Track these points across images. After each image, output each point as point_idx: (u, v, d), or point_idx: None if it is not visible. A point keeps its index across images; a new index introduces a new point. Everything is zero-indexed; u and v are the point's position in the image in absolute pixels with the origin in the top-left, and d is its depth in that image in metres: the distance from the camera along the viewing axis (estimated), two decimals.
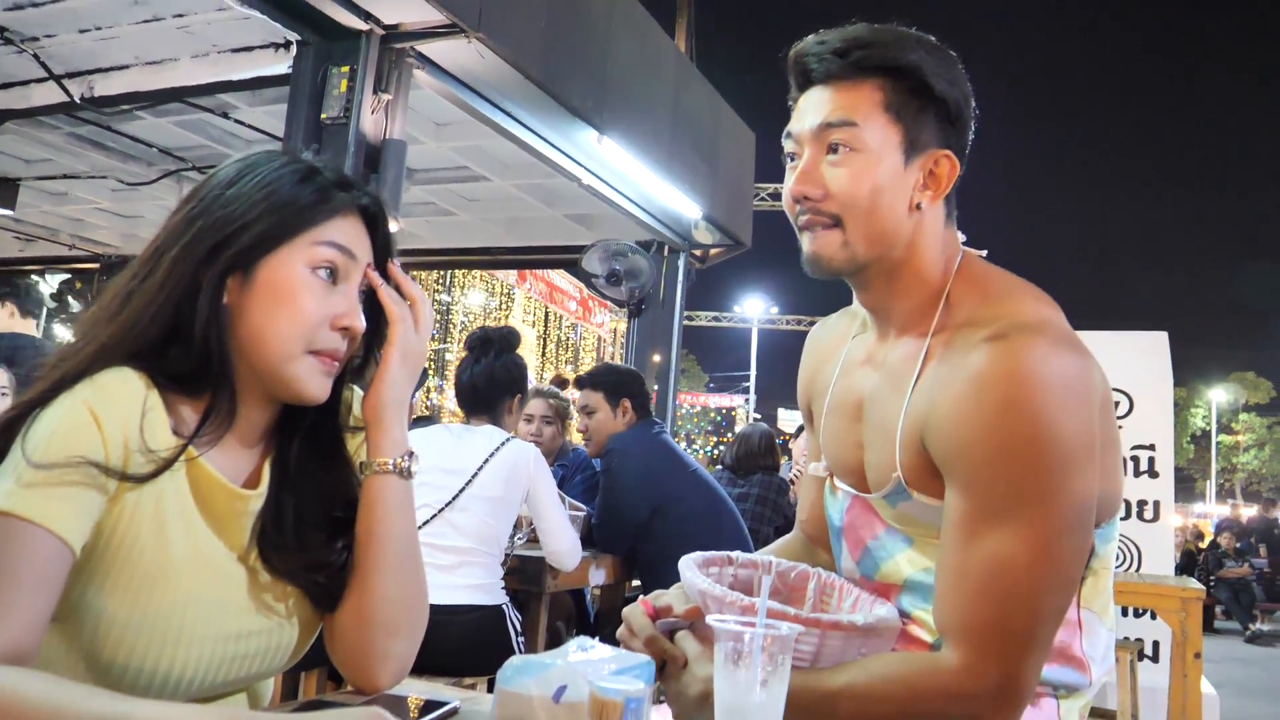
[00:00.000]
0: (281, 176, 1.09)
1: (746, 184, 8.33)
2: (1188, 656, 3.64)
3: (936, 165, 1.21)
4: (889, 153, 1.19)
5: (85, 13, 4.84)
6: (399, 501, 1.15)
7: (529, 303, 18.11)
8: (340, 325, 1.09)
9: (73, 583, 0.97)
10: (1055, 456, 1.07)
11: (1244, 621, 11.80)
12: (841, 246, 1.20)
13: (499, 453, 2.91)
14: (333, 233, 1.09)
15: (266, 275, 1.06)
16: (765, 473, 4.78)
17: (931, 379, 1.18)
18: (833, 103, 1.19)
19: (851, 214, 1.19)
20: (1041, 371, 1.08)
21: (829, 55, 1.19)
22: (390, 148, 4.64)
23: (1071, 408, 1.08)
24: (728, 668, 0.87)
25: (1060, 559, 1.08)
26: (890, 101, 1.18)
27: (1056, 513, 1.07)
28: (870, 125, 1.18)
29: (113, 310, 1.06)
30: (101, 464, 0.96)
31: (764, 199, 30.76)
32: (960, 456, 1.11)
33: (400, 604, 1.14)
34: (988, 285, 1.23)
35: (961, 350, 1.15)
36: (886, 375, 1.26)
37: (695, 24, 8.72)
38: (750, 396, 38.61)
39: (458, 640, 2.69)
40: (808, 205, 1.20)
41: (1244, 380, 45.55)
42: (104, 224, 8.65)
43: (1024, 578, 1.07)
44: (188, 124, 6.14)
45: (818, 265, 1.22)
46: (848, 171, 1.18)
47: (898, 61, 1.18)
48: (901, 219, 1.20)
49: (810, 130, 1.20)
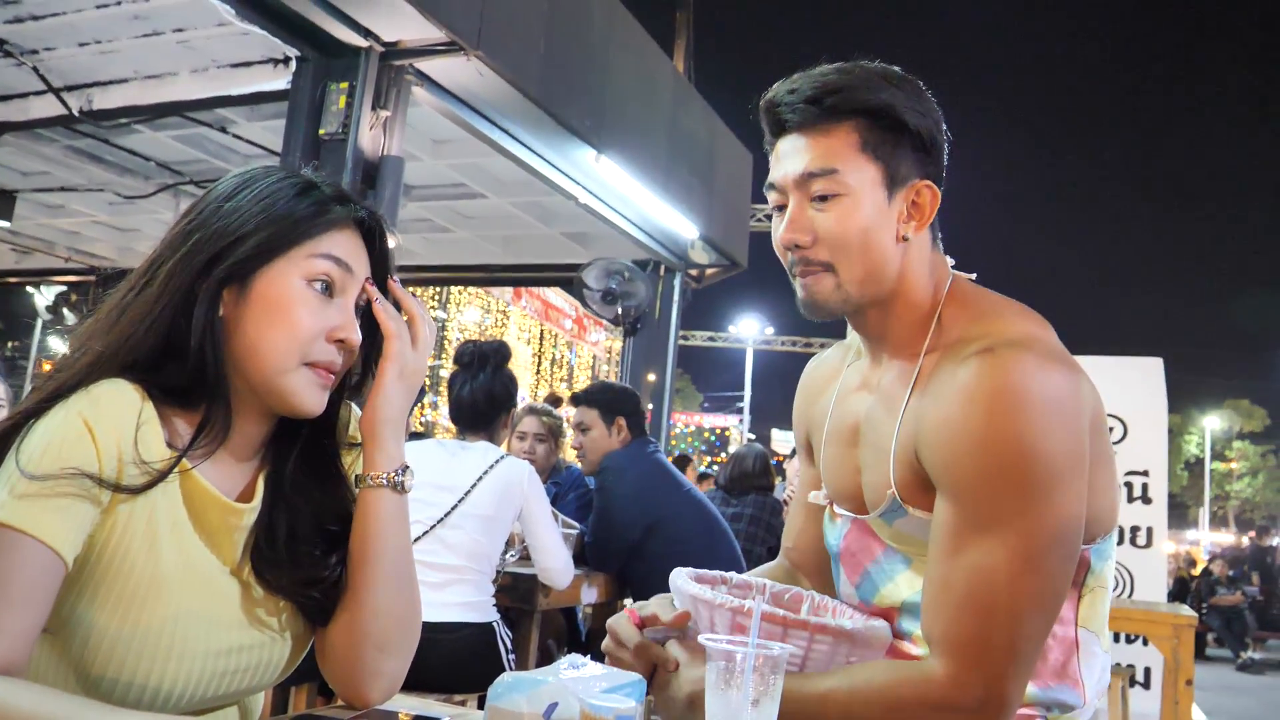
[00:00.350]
0: (279, 190, 1.09)
1: (743, 204, 8.36)
2: (1179, 683, 3.64)
3: (918, 196, 1.24)
4: (871, 191, 1.21)
5: (85, 26, 4.86)
6: (393, 516, 1.14)
7: (524, 320, 18.12)
8: (336, 338, 1.09)
9: (64, 595, 0.97)
10: (1040, 471, 1.08)
11: (1236, 649, 11.78)
12: (835, 289, 1.23)
13: (492, 470, 2.91)
14: (329, 246, 1.09)
15: (262, 288, 1.06)
16: (760, 493, 4.78)
17: (922, 396, 1.20)
18: (811, 150, 1.21)
19: (842, 257, 1.21)
20: (1028, 386, 1.09)
21: (801, 104, 1.21)
22: (388, 164, 4.65)
23: (1058, 423, 1.09)
24: (719, 687, 0.87)
25: (1045, 573, 1.09)
26: (866, 141, 1.21)
27: (1041, 527, 1.08)
28: (850, 168, 1.20)
29: (109, 322, 1.06)
30: (95, 476, 0.96)
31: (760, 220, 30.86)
32: (948, 468, 1.13)
33: (393, 619, 1.14)
34: (978, 305, 1.26)
35: (951, 366, 1.17)
36: (880, 397, 1.28)
37: (694, 45, 8.75)
38: (745, 417, 38.60)
39: (448, 657, 2.68)
40: (799, 254, 1.23)
41: (1238, 408, 45.59)
42: (101, 237, 8.66)
43: (1006, 591, 1.07)
44: (186, 138, 6.15)
45: (814, 310, 1.26)
46: (834, 216, 1.20)
47: (870, 102, 1.20)
48: (890, 253, 1.23)
49: (793, 179, 1.22)
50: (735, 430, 38.91)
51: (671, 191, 6.79)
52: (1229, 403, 46.01)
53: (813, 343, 36.83)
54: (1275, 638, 12.25)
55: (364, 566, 1.13)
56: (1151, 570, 4.87)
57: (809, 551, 1.50)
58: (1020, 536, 1.08)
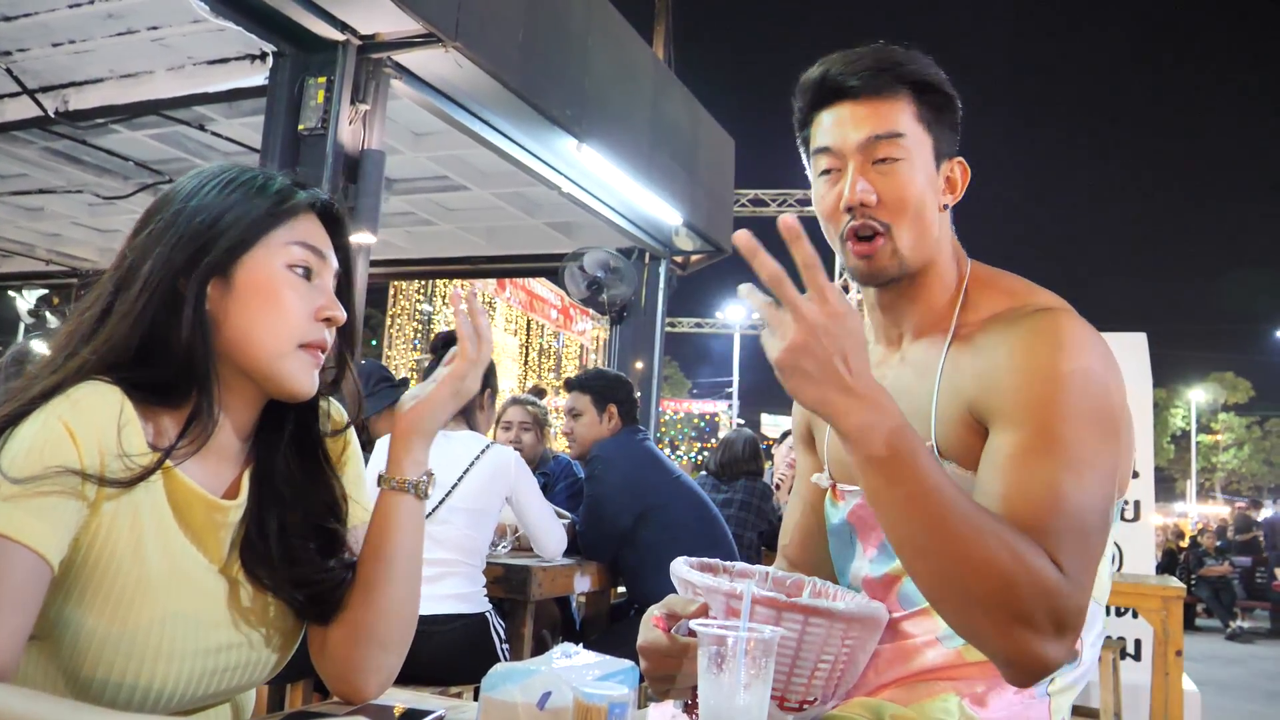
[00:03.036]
0: (241, 181, 1.11)
1: (726, 190, 8.35)
2: (1169, 655, 3.67)
3: (952, 172, 1.30)
4: (926, 160, 1.26)
5: (58, 27, 4.82)
6: (411, 520, 1.17)
7: (510, 311, 18.10)
8: (324, 316, 1.11)
9: (51, 598, 0.97)
10: (1109, 406, 1.11)
11: (1225, 619, 11.89)
12: (892, 255, 1.25)
13: (479, 461, 2.90)
14: (302, 233, 1.11)
15: (246, 277, 1.07)
16: (749, 478, 4.79)
17: (967, 356, 1.22)
18: (876, 116, 1.25)
19: (901, 219, 1.24)
20: (1090, 336, 1.15)
21: (867, 72, 1.25)
22: (369, 158, 4.63)
23: (1114, 371, 1.15)
24: (711, 671, 0.88)
25: (1106, 495, 1.10)
26: (920, 113, 1.26)
27: (1102, 457, 1.10)
28: (911, 135, 1.25)
29: (89, 327, 1.05)
30: (79, 471, 0.95)
31: (744, 205, 30.84)
32: (1017, 391, 1.13)
33: (399, 619, 1.16)
34: (1005, 284, 1.30)
35: (1001, 328, 1.20)
36: (909, 368, 1.30)
37: (673, 32, 8.74)
38: (733, 402, 38.62)
39: (442, 650, 2.68)
40: (863, 213, 1.24)
41: (1223, 380, 45.83)
42: (81, 238, 8.61)
43: (1084, 503, 1.06)
44: (164, 137, 6.11)
45: (870, 276, 1.27)
46: (898, 180, 1.24)
47: (925, 75, 1.26)
48: (935, 221, 1.27)
49: (857, 143, 1.25)
50: (725, 415, 38.95)
51: (654, 179, 6.78)
52: (1213, 376, 46.29)
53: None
54: (1263, 607, 12.36)
55: (378, 567, 1.14)
56: (1140, 543, 4.91)
57: (807, 546, 1.51)
58: (1087, 460, 1.08)
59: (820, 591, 1.34)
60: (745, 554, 4.34)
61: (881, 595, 1.30)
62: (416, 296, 21.29)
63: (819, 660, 1.11)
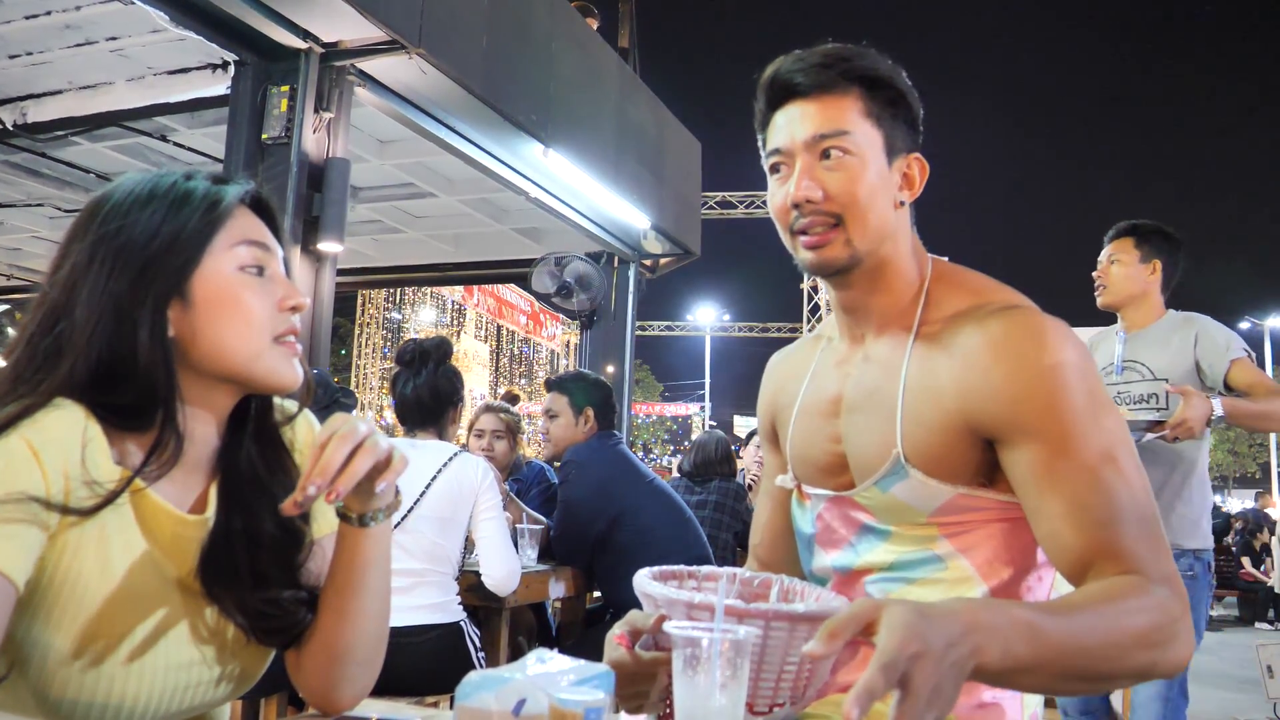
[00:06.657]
0: (164, 188, 1.08)
1: (694, 193, 8.37)
2: None
3: (909, 168, 1.30)
4: (875, 156, 1.26)
5: (15, 38, 4.76)
6: (378, 543, 1.13)
7: (480, 318, 18.04)
8: (288, 306, 1.11)
9: (17, 619, 0.95)
10: (1096, 385, 1.16)
11: None
12: (844, 245, 1.26)
13: (445, 470, 2.87)
14: (240, 231, 1.10)
15: (203, 291, 1.06)
16: (723, 479, 4.80)
17: (933, 357, 1.24)
18: (821, 114, 1.26)
19: (851, 212, 1.25)
20: (1061, 329, 1.18)
21: (813, 69, 1.26)
22: (334, 166, 4.61)
23: (1089, 355, 1.18)
24: (686, 673, 0.88)
25: (1138, 465, 1.14)
26: (869, 109, 1.26)
27: (1118, 434, 1.14)
28: (858, 131, 1.25)
29: (42, 352, 1.03)
30: (42, 499, 0.94)
31: (712, 208, 30.92)
32: (1018, 405, 1.16)
33: (373, 637, 1.15)
34: (968, 282, 1.31)
35: (970, 327, 1.22)
36: (874, 367, 1.31)
37: (637, 36, 8.75)
38: (705, 404, 38.69)
39: (417, 660, 2.66)
40: (809, 209, 1.26)
41: None
42: (42, 252, 8.49)
43: (1127, 490, 1.11)
44: (126, 149, 6.05)
45: (823, 265, 1.28)
46: (844, 175, 1.25)
47: (873, 71, 1.26)
48: (890, 217, 1.28)
49: (803, 141, 1.26)
50: (697, 418, 39.01)
51: (621, 183, 6.79)
52: None
53: (769, 327, 37.03)
54: (1231, 595, 12.52)
55: (348, 589, 1.12)
56: None
57: (777, 545, 1.51)
58: (1112, 447, 1.12)
59: (789, 589, 1.34)
60: (721, 554, 4.35)
61: (850, 591, 1.31)
62: (386, 305, 21.18)
63: (784, 663, 1.11)
